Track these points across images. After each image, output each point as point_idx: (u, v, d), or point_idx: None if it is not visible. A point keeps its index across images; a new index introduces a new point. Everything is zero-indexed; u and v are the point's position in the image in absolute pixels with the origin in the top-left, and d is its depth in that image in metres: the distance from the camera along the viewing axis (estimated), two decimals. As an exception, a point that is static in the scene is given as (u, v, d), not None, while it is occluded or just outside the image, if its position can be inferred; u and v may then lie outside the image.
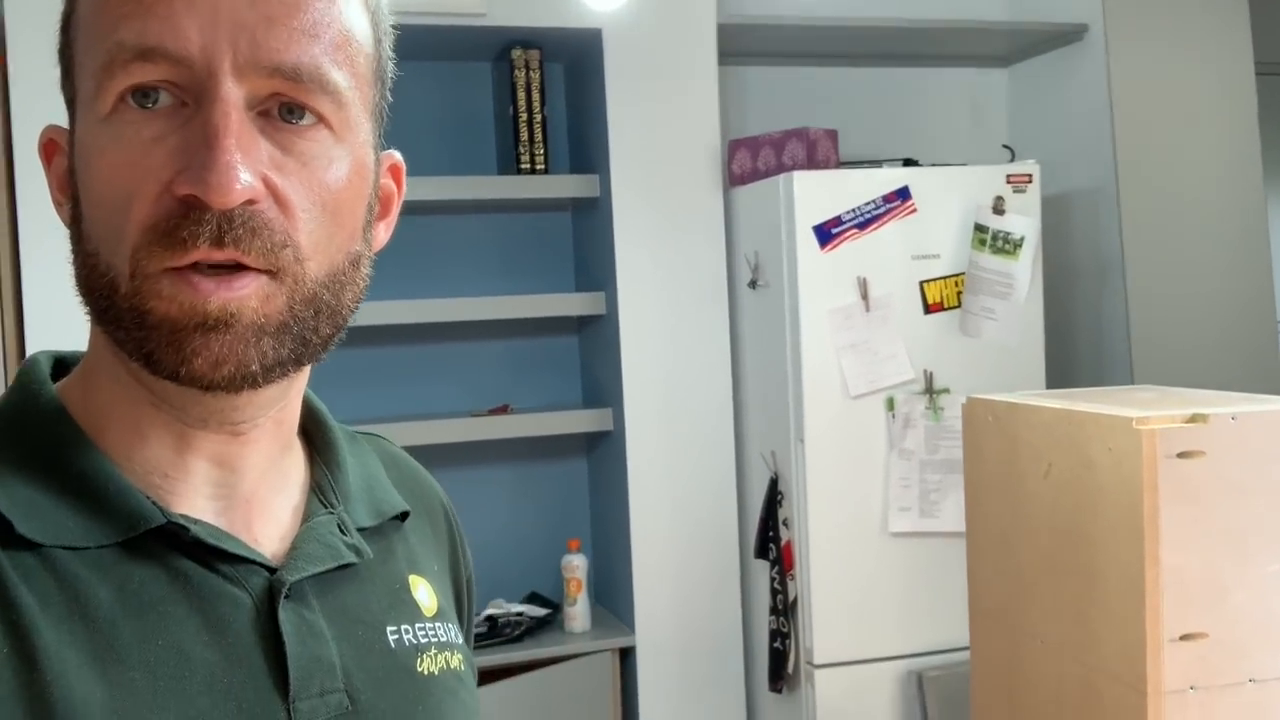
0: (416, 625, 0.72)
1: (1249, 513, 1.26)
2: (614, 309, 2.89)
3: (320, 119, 0.61)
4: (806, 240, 2.58)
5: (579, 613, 2.94)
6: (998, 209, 2.66)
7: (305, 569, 0.65)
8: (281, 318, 0.60)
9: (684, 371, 2.91)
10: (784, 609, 2.72)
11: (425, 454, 3.30)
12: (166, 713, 0.57)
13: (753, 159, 2.82)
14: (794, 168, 2.69)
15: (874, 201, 2.60)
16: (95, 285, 0.60)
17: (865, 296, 2.60)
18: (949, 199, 2.66)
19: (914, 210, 2.63)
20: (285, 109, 0.60)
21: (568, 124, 3.18)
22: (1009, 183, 2.67)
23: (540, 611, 2.93)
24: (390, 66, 0.68)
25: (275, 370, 0.61)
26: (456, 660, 0.74)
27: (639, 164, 2.87)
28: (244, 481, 0.66)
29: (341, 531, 0.70)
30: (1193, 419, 1.25)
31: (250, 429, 0.65)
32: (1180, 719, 1.25)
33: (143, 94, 0.58)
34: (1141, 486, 1.22)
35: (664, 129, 2.88)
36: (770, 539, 2.76)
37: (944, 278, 2.65)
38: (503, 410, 3.05)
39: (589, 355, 3.16)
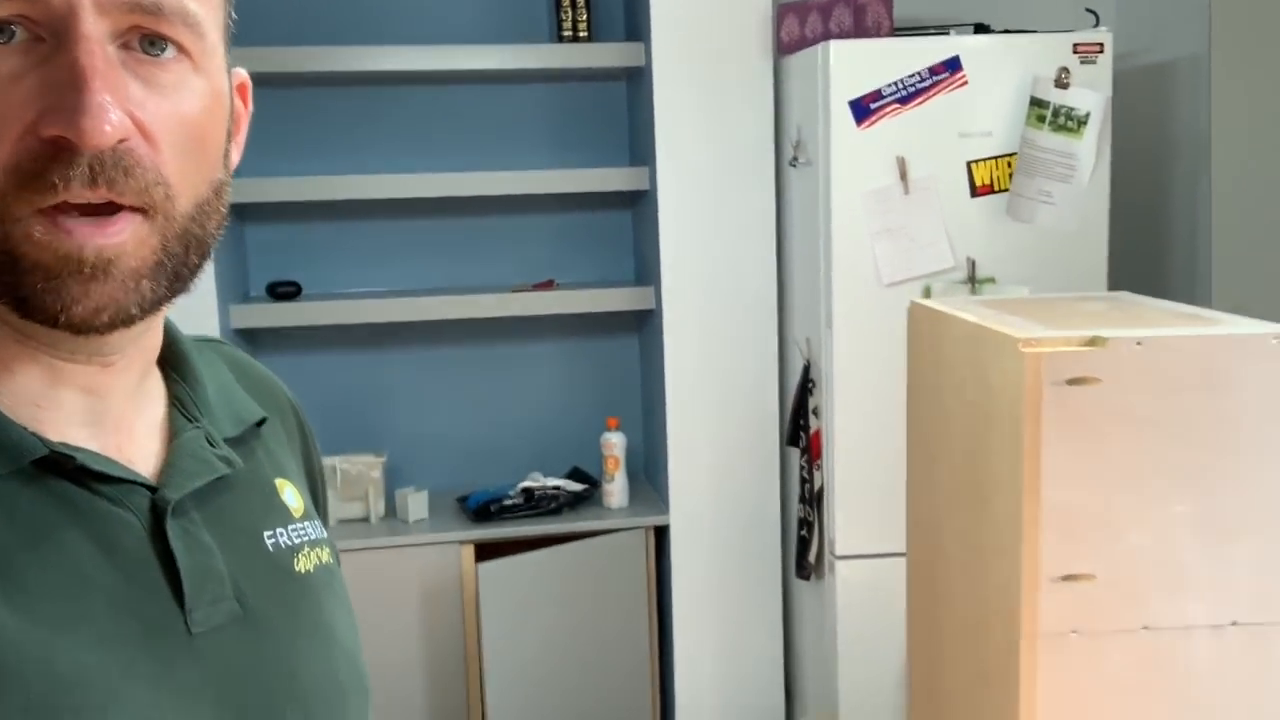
0: (290, 527, 0.75)
1: (1150, 447, 1.12)
2: (655, 184, 2.80)
3: (181, 50, 0.61)
4: (842, 116, 2.42)
5: (616, 489, 2.95)
6: (1061, 82, 2.42)
7: (185, 485, 0.67)
8: (156, 258, 0.61)
9: (726, 251, 2.81)
10: (810, 498, 2.66)
11: (469, 328, 3.34)
12: (76, 635, 0.59)
13: (800, 25, 2.64)
14: (841, 35, 2.51)
15: (919, 74, 2.40)
16: None
17: (904, 178, 2.43)
18: (1006, 71, 2.43)
19: (965, 83, 2.42)
20: (146, 41, 0.60)
21: (624, -13, 3.05)
22: (1076, 53, 2.42)
23: (577, 486, 2.96)
24: None
25: (152, 309, 0.62)
26: (326, 555, 0.77)
27: (682, 30, 2.73)
28: (113, 406, 0.67)
29: (210, 444, 0.71)
30: (1091, 342, 1.11)
31: (119, 359, 0.66)
32: (1059, 663, 1.15)
33: None
34: (1024, 413, 1.11)
35: (711, -9, 2.72)
36: (801, 427, 2.69)
37: (995, 158, 2.45)
38: (548, 285, 3.03)
39: (640, 232, 3.09)
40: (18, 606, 0.58)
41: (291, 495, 0.77)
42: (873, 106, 2.41)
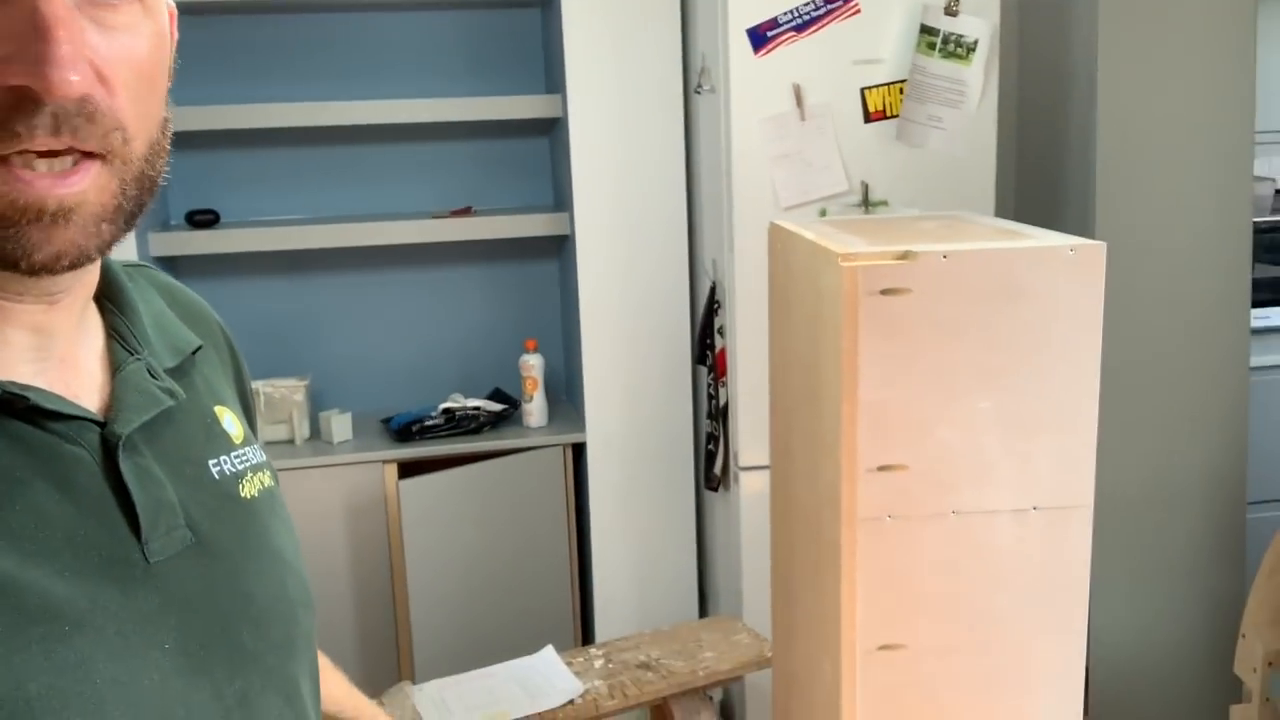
0: (232, 454, 0.78)
1: (958, 351, 1.24)
2: (567, 112, 2.87)
3: None
4: (740, 44, 2.49)
5: (535, 409, 3.06)
6: (950, 10, 2.51)
7: (133, 420, 0.69)
8: (115, 201, 0.63)
9: (637, 176, 2.90)
10: (716, 413, 2.79)
11: (389, 253, 3.42)
12: (38, 570, 0.61)
13: (704, -46, 2.70)
14: (743, -36, 2.57)
15: (813, 2, 2.48)
16: None
17: (800, 104, 2.52)
18: (897, -1, 2.52)
19: (858, 11, 2.50)
20: None
21: (537, -85, 3.09)
22: (965, -19, 2.51)
23: (497, 407, 3.06)
24: None
25: (108, 249, 0.65)
26: (268, 479, 0.81)
27: (590, -42, 2.78)
28: (58, 343, 0.69)
29: (152, 376, 0.73)
30: (903, 256, 1.23)
31: (65, 296, 0.68)
32: (876, 544, 1.28)
33: None
34: (843, 322, 1.23)
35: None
36: (708, 346, 2.81)
37: (888, 84, 2.54)
38: (465, 212, 3.11)
39: (557, 158, 3.16)
40: None
41: (231, 422, 0.80)
42: (769, 34, 2.49)
